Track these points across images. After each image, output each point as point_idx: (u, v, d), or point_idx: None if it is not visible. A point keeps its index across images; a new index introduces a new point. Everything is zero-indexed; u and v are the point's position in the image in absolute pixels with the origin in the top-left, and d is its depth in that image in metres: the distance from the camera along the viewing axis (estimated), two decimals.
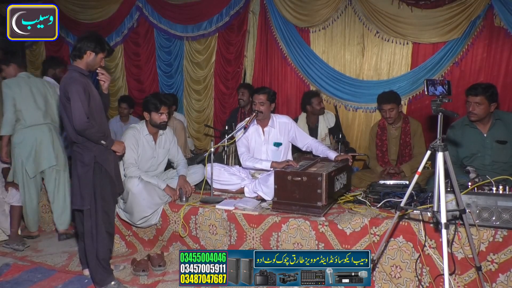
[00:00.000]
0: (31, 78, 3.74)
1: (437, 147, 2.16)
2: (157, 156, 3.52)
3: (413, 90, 4.46)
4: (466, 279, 2.54)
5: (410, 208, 2.59)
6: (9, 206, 3.60)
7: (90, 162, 2.65)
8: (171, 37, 5.74)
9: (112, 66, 6.12)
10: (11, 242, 3.56)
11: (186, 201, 3.34)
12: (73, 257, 3.36)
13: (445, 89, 2.25)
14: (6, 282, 2.93)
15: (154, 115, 3.36)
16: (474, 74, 4.21)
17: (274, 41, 5.09)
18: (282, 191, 2.97)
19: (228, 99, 5.50)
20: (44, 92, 3.75)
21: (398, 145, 3.84)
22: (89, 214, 2.69)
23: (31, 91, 3.66)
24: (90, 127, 2.59)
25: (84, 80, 2.62)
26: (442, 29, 4.24)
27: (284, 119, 3.72)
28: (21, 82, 3.65)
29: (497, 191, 2.52)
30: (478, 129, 3.15)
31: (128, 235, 3.52)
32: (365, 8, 4.52)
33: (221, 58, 5.47)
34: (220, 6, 5.30)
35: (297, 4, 4.86)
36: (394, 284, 2.69)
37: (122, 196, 3.23)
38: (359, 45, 4.69)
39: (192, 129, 5.82)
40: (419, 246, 2.58)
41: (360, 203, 3.09)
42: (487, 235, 2.48)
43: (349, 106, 4.79)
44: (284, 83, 5.13)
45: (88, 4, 6.11)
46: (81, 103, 2.55)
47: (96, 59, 2.70)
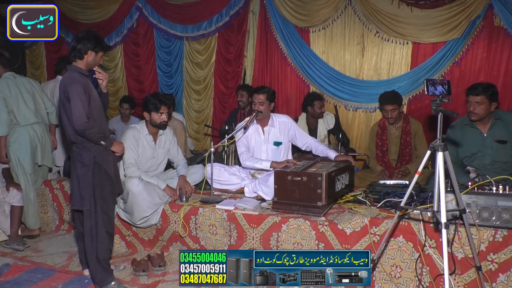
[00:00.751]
0: (17, 78, 3.76)
1: (437, 147, 2.16)
2: (157, 156, 3.52)
3: (413, 90, 4.45)
4: (466, 279, 2.53)
5: (410, 208, 2.59)
6: (9, 206, 3.60)
7: (90, 162, 2.66)
8: (171, 37, 5.73)
9: (112, 66, 6.11)
10: (11, 242, 3.56)
11: (186, 201, 3.34)
12: (73, 257, 3.36)
13: (445, 89, 2.25)
14: (6, 282, 2.93)
15: (154, 115, 3.36)
16: (474, 74, 4.21)
17: (274, 41, 5.09)
18: (282, 191, 2.96)
19: (228, 99, 5.50)
20: (32, 91, 3.79)
21: (398, 145, 3.84)
22: (88, 214, 2.69)
23: (19, 91, 3.70)
24: (90, 127, 2.58)
25: (84, 80, 2.63)
26: (442, 29, 4.24)
27: (284, 119, 3.72)
28: (9, 82, 3.67)
29: (497, 191, 2.51)
30: (478, 129, 3.15)
31: (128, 235, 3.52)
32: (365, 8, 4.52)
33: (221, 58, 5.46)
34: (220, 6, 5.30)
35: (297, 4, 4.85)
36: (394, 284, 2.69)
37: (122, 196, 3.23)
38: (359, 45, 4.68)
39: (191, 129, 5.81)
40: (419, 246, 2.58)
41: (360, 203, 3.09)
42: (487, 235, 2.48)
43: (349, 106, 4.79)
44: (284, 83, 5.12)
45: (87, 4, 6.11)
46: (82, 103, 2.55)
47: (96, 58, 2.73)
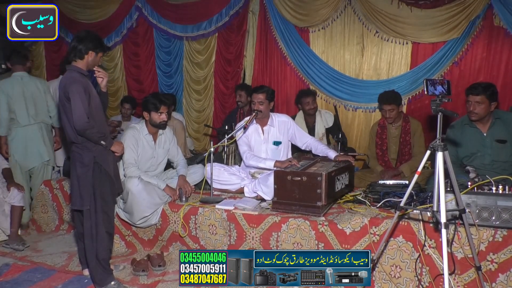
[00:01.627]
0: (25, 79, 3.90)
1: (436, 147, 2.16)
2: (157, 156, 3.52)
3: (412, 90, 4.45)
4: (465, 279, 2.54)
5: (409, 208, 2.59)
6: (9, 206, 3.60)
7: (90, 162, 2.66)
8: (171, 37, 5.72)
9: (111, 66, 6.10)
10: (11, 242, 3.56)
11: (186, 201, 3.34)
12: (73, 257, 3.36)
13: (444, 88, 2.25)
14: (6, 282, 2.92)
15: (154, 114, 3.36)
16: (474, 74, 4.20)
17: (273, 41, 5.08)
18: (281, 191, 2.96)
19: (228, 99, 5.49)
20: (36, 92, 3.93)
21: (398, 144, 3.85)
22: (88, 214, 2.69)
23: (22, 93, 3.82)
24: (90, 127, 2.58)
25: (84, 80, 2.63)
26: (442, 29, 4.23)
27: (283, 118, 3.72)
28: (14, 83, 3.80)
29: (496, 190, 2.51)
30: (477, 129, 3.15)
31: (128, 235, 3.52)
32: (365, 8, 4.51)
33: (220, 58, 5.46)
34: (219, 6, 5.29)
35: (297, 4, 4.85)
36: (394, 284, 2.69)
37: (122, 196, 3.23)
38: (358, 45, 4.68)
39: (191, 129, 5.81)
40: (418, 246, 2.58)
41: (360, 203, 3.08)
42: (486, 234, 2.48)
43: (348, 106, 4.79)
44: (283, 83, 5.12)
45: (87, 4, 6.09)
46: (82, 103, 2.55)
47: (96, 58, 2.74)
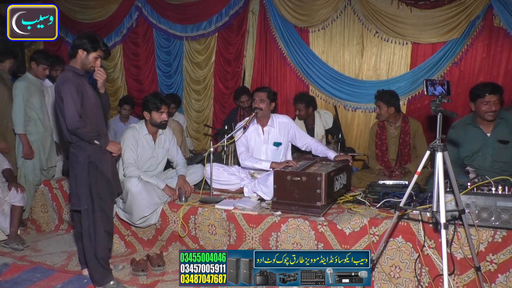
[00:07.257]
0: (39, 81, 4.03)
1: (436, 147, 2.16)
2: (156, 156, 3.51)
3: (412, 90, 4.46)
4: (465, 280, 2.54)
5: (409, 208, 2.60)
6: (9, 206, 3.60)
7: (84, 162, 2.64)
8: (171, 37, 5.73)
9: (111, 66, 6.11)
10: (10, 242, 3.55)
11: (186, 201, 3.34)
12: (72, 256, 3.36)
13: (444, 89, 2.25)
14: (5, 281, 2.92)
15: (155, 114, 3.36)
16: (474, 74, 4.22)
17: (273, 41, 5.09)
18: (281, 191, 2.96)
19: (228, 99, 5.50)
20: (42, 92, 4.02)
21: (397, 145, 3.84)
22: (86, 213, 2.69)
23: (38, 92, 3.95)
24: (81, 126, 2.56)
25: (77, 80, 2.60)
26: (442, 29, 4.24)
27: (284, 119, 3.72)
28: (29, 86, 3.89)
29: (496, 191, 2.51)
30: (481, 129, 3.10)
31: (127, 235, 3.52)
32: (365, 8, 4.52)
33: (220, 58, 5.47)
34: (219, 6, 5.30)
35: (297, 4, 4.86)
36: (393, 284, 2.69)
37: (121, 196, 3.23)
38: (358, 45, 4.69)
39: (191, 129, 5.81)
40: (418, 246, 2.58)
41: (360, 203, 3.08)
42: (486, 235, 2.48)
43: (348, 106, 4.79)
44: (283, 83, 5.13)
45: (87, 4, 6.10)
46: (73, 102, 2.53)
47: (88, 58, 2.66)
